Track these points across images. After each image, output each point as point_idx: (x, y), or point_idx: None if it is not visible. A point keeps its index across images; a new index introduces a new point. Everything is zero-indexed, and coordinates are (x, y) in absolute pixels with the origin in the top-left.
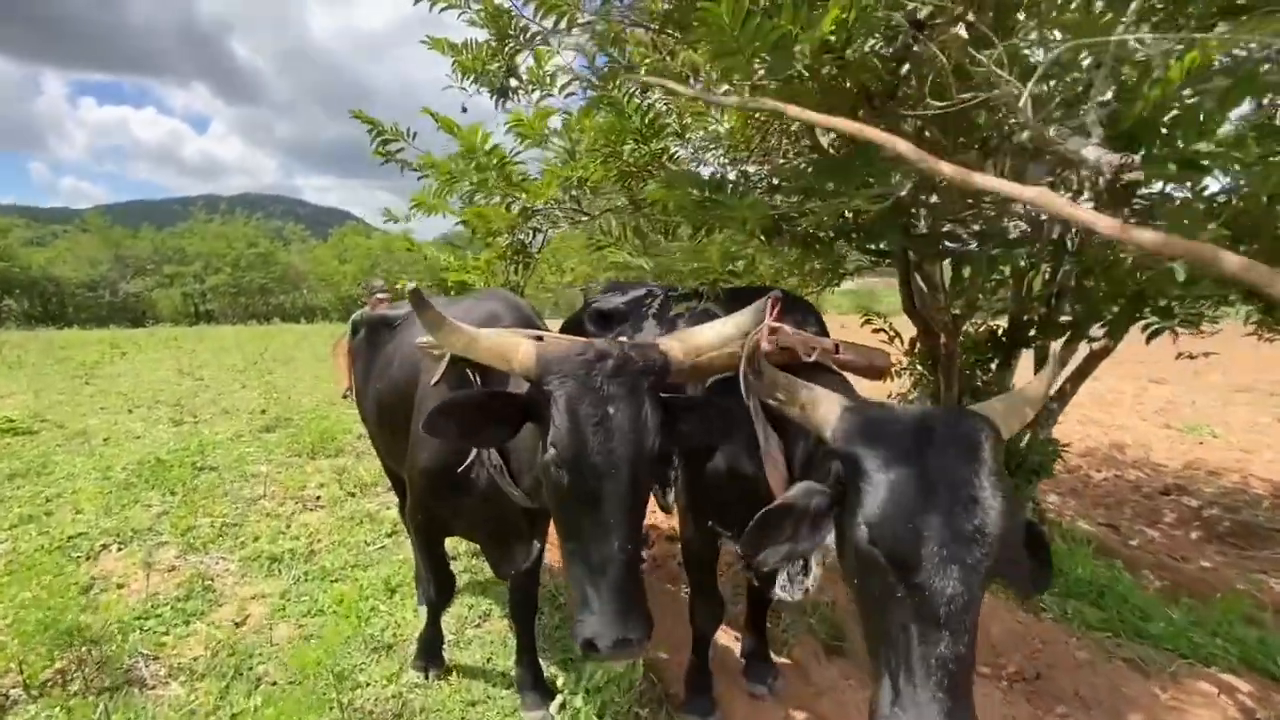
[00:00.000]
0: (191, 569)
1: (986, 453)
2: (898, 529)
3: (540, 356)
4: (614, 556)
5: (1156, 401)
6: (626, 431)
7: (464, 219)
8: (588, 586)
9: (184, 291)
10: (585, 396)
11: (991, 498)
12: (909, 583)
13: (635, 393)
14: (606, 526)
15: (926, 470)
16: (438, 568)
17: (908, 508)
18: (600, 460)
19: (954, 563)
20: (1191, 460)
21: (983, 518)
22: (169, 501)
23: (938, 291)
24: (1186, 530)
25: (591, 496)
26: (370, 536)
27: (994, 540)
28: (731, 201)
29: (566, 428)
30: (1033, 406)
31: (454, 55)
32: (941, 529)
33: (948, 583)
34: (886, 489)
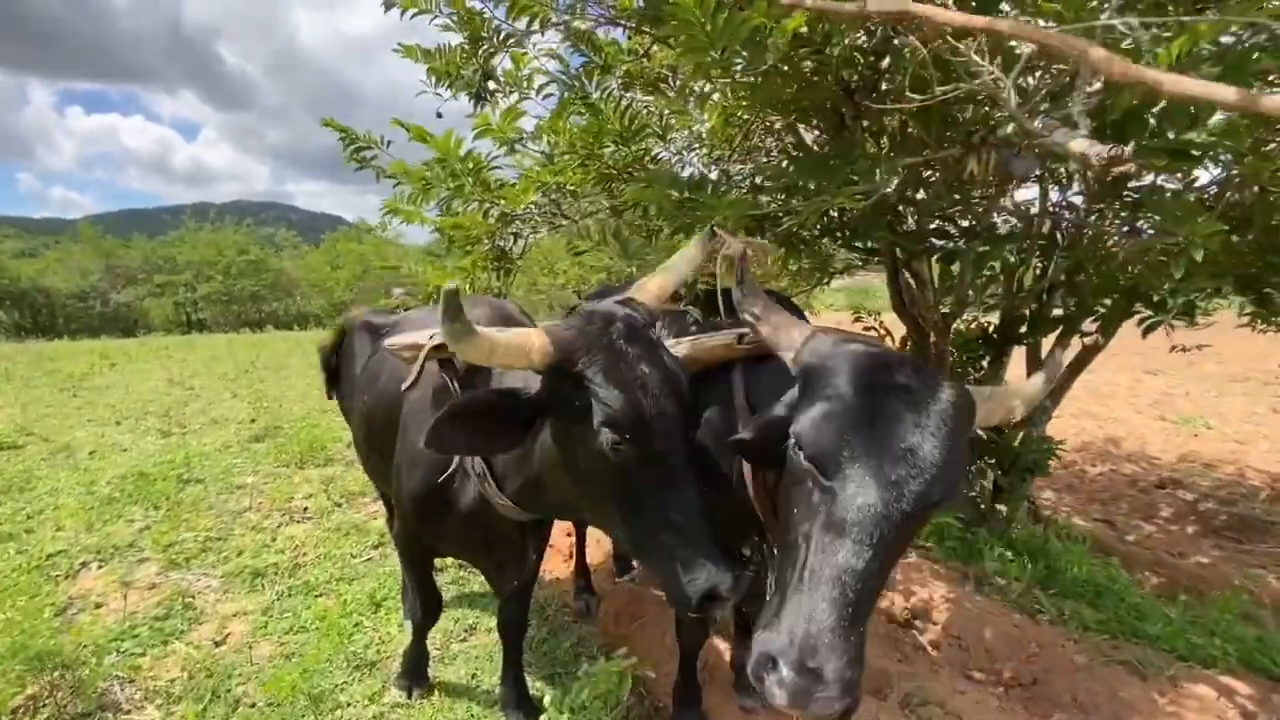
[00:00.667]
0: (172, 586)
1: (946, 400)
2: (825, 434)
3: (557, 340)
4: (697, 506)
5: (1151, 393)
6: (665, 382)
7: (439, 228)
8: (682, 546)
9: (175, 300)
10: (620, 363)
11: (937, 430)
12: (824, 488)
13: (653, 346)
14: (682, 481)
15: (876, 392)
16: (424, 587)
17: (843, 416)
18: (659, 417)
19: (873, 474)
20: (1187, 453)
21: (919, 442)
22: (152, 516)
23: (927, 289)
24: (1183, 524)
25: (661, 458)
26: (357, 548)
27: (927, 466)
28: (710, 201)
29: (620, 399)
30: (1024, 403)
31: (426, 61)
32: (871, 440)
33: (861, 490)
34: (826, 396)
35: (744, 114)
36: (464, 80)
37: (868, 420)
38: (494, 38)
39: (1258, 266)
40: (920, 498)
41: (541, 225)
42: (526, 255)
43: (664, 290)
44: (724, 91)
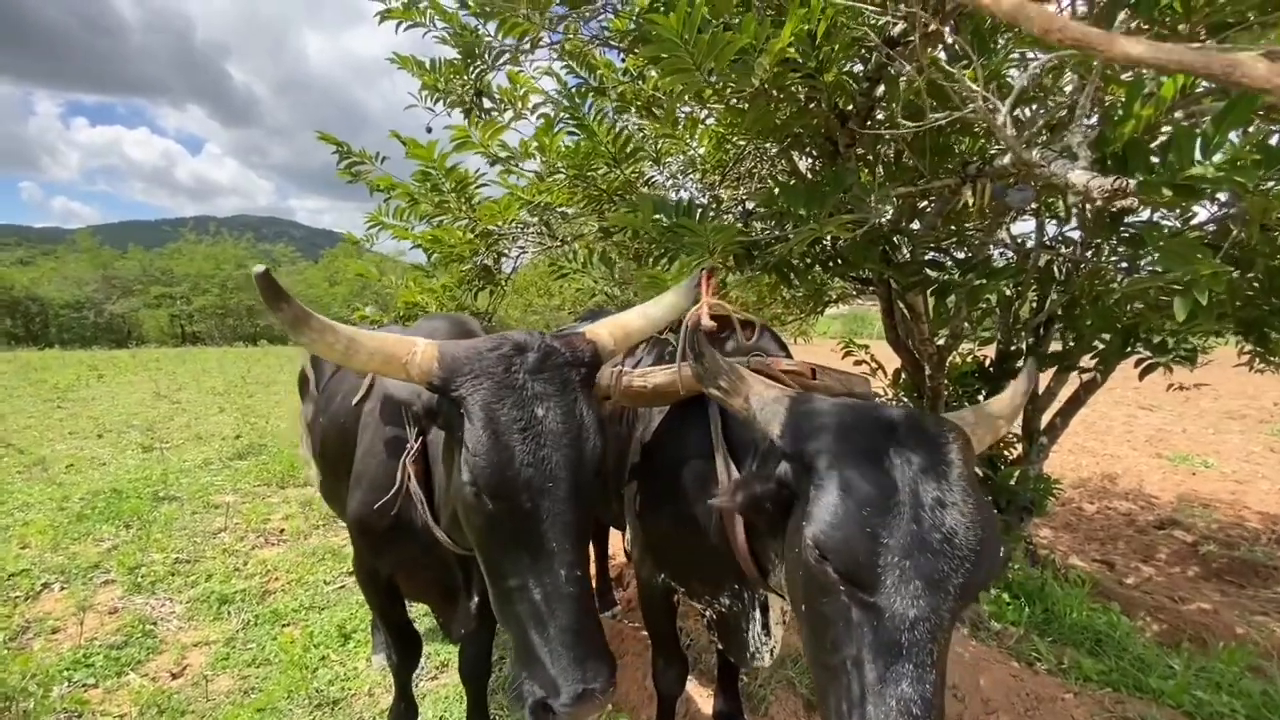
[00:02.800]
0: (134, 612)
1: (955, 454)
2: (852, 537)
3: (444, 355)
4: (562, 591)
5: (1147, 429)
6: (561, 434)
7: (419, 242)
8: (532, 633)
9: (171, 312)
10: (505, 397)
11: (964, 503)
12: (866, 604)
13: (566, 388)
14: (549, 556)
15: (886, 470)
16: (395, 625)
17: (865, 511)
18: (533, 474)
19: (920, 578)
20: (1185, 492)
21: (954, 525)
22: (122, 536)
23: (921, 321)
24: (1183, 567)
25: (527, 521)
26: (330, 574)
27: (967, 553)
28: (697, 227)
29: (486, 439)
30: (1005, 419)
31: (419, 74)
32: (905, 537)
33: (912, 602)
34: (839, 489)
35: (736, 139)
36: (456, 96)
37: (893, 511)
38: (486, 54)
39: (1262, 309)
40: (970, 588)
41: (529, 245)
42: (519, 276)
43: (639, 332)
44: (716, 116)
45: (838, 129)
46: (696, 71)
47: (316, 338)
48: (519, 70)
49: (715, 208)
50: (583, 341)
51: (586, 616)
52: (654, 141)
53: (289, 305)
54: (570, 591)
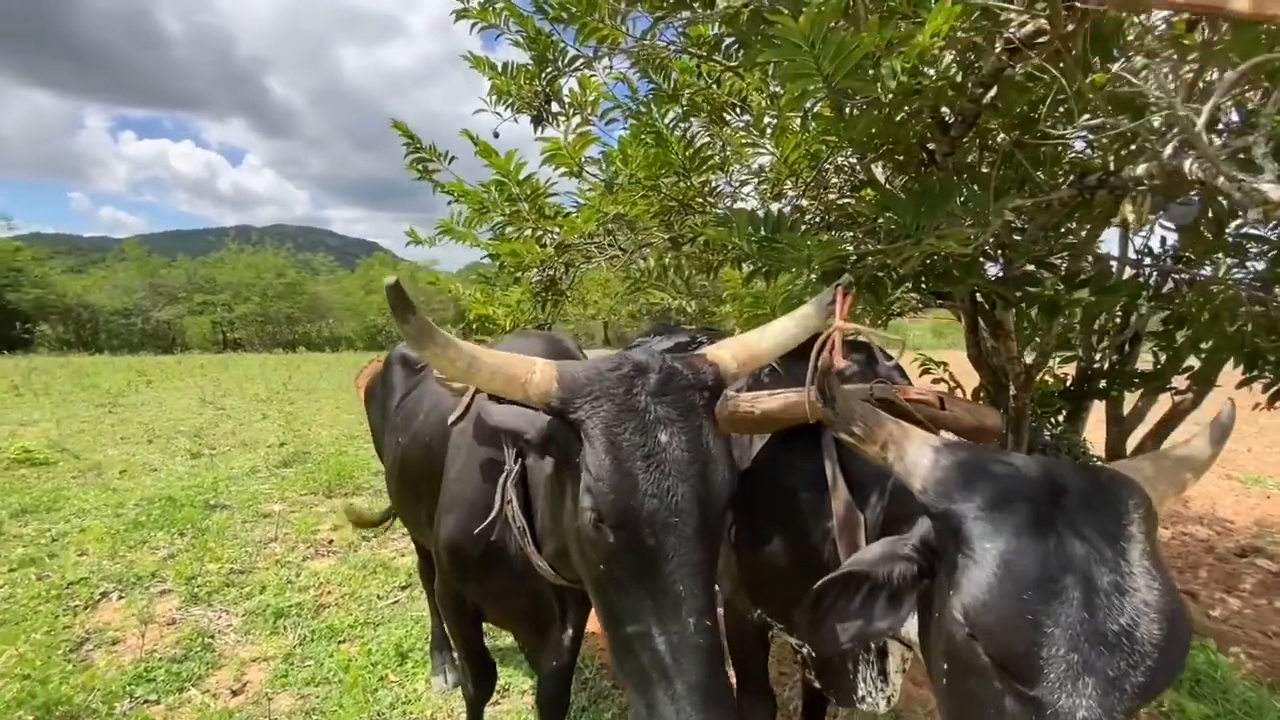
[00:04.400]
0: (192, 623)
1: (1136, 525)
2: (1010, 621)
3: (563, 376)
4: (690, 642)
5: None
6: (686, 464)
7: (492, 252)
8: (657, 689)
9: (213, 319)
10: (628, 421)
11: (1147, 589)
12: (1023, 697)
13: (690, 413)
14: (675, 601)
15: (1053, 543)
16: (474, 653)
17: (1026, 593)
18: (657, 506)
19: (1090, 675)
20: (1261, 516)
21: (1135, 615)
22: (177, 544)
23: (1009, 339)
24: (1270, 598)
25: (651, 558)
26: (383, 589)
27: (1149, 649)
28: (796, 241)
29: (608, 465)
30: (1195, 471)
31: (492, 76)
32: (1075, 627)
33: (1080, 703)
34: (996, 564)
35: (819, 148)
36: (524, 100)
37: (1061, 596)
38: (560, 59)
39: None
40: (1148, 690)
41: (598, 256)
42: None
43: (766, 354)
44: (802, 124)
45: (937, 136)
46: (818, 76)
47: (439, 352)
48: (591, 75)
49: (800, 220)
50: (705, 363)
51: (717, 675)
52: (721, 149)
53: (416, 317)
54: (699, 643)
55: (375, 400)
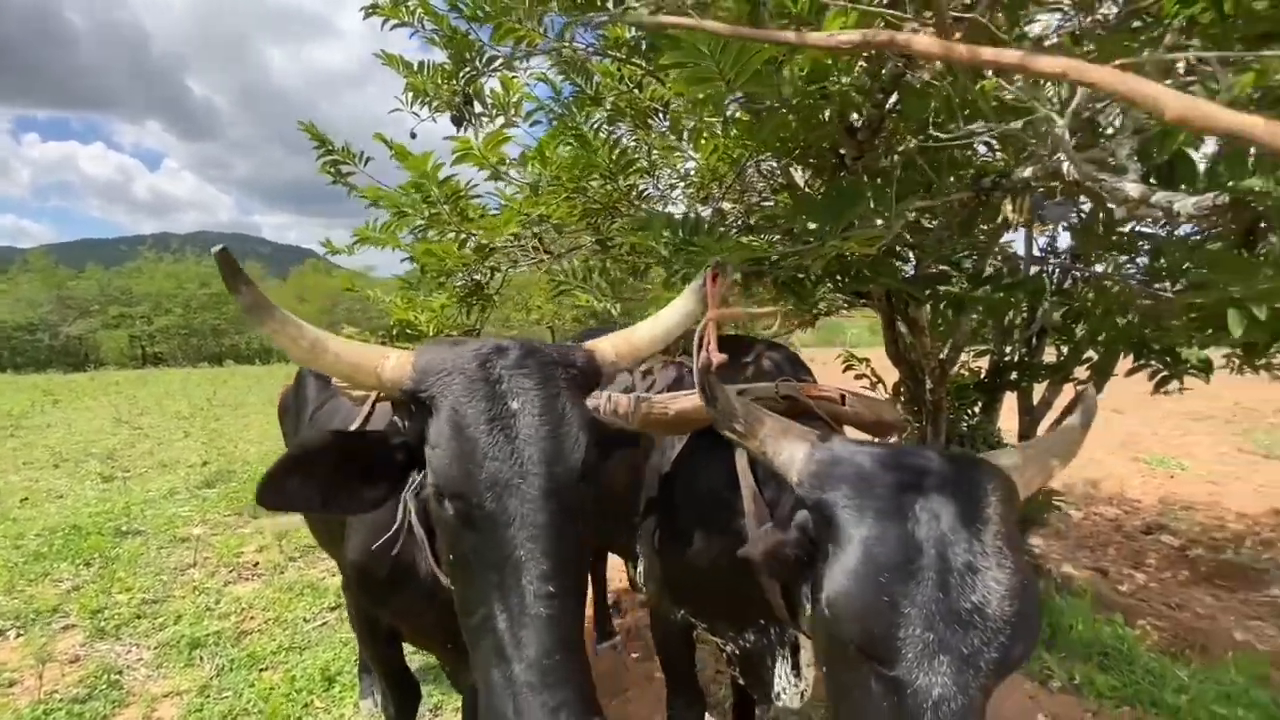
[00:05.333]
0: (97, 660)
1: (993, 508)
2: (869, 604)
3: (420, 359)
4: (530, 612)
5: (1120, 433)
6: (537, 426)
7: (413, 256)
8: (494, 671)
9: (131, 333)
10: (477, 391)
11: (999, 568)
12: (884, 678)
13: (548, 383)
14: (516, 567)
15: (911, 527)
16: (392, 672)
17: (883, 576)
18: (498, 467)
19: (945, 653)
20: (1165, 495)
21: (987, 593)
22: (83, 575)
23: (924, 335)
24: (1174, 572)
25: (492, 525)
26: (310, 611)
27: (1001, 624)
28: (710, 244)
29: (448, 430)
30: (1061, 457)
31: (406, 75)
32: (927, 607)
33: (936, 680)
34: (857, 549)
35: (740, 152)
36: (444, 100)
37: (917, 577)
38: (478, 59)
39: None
40: (1002, 665)
41: (523, 260)
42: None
43: (648, 343)
44: (722, 129)
45: (846, 141)
46: (720, 81)
47: (279, 329)
48: (513, 76)
49: (721, 222)
50: (578, 349)
51: (564, 649)
52: (648, 153)
53: (250, 288)
54: (542, 614)
55: (289, 415)
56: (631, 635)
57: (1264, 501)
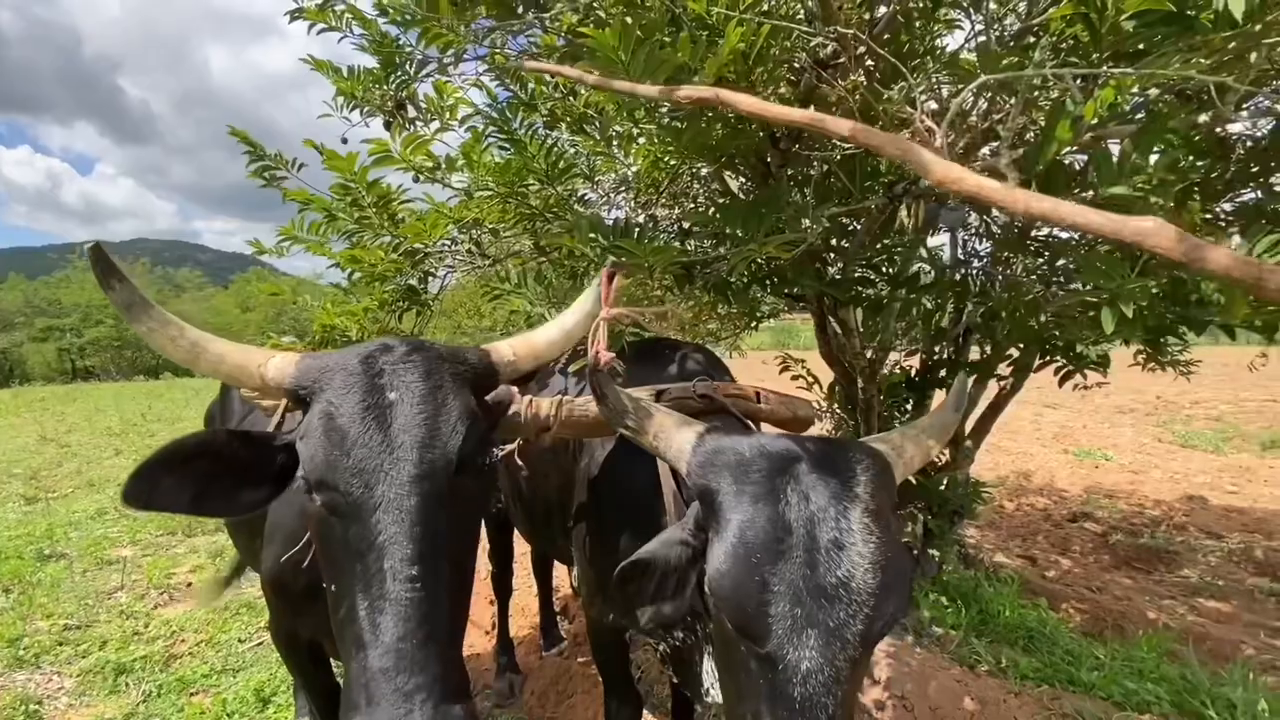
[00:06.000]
0: (15, 690)
1: (862, 487)
2: (741, 583)
3: (305, 360)
4: (390, 595)
5: (1052, 426)
6: (413, 415)
7: (338, 261)
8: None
9: (59, 346)
10: (354, 384)
11: (863, 544)
12: (759, 656)
13: (431, 375)
14: (378, 552)
15: (782, 510)
16: (322, 693)
17: (754, 556)
18: (366, 454)
19: (812, 627)
20: (1091, 485)
21: (850, 568)
22: (0, 603)
23: (853, 335)
24: (1097, 556)
25: (358, 516)
26: (245, 631)
27: (865, 596)
28: (637, 247)
29: (319, 422)
30: (936, 437)
31: (335, 80)
32: (795, 584)
33: (804, 653)
34: (733, 533)
35: (670, 159)
36: (375, 105)
37: (785, 556)
38: (409, 64)
39: (1164, 318)
40: (868, 635)
41: (458, 265)
42: (447, 297)
43: (550, 345)
44: (649, 135)
45: (769, 149)
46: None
47: (156, 329)
48: (446, 81)
49: (652, 227)
50: (471, 349)
51: (425, 634)
52: (587, 158)
53: (123, 285)
54: (403, 597)
55: (214, 427)
56: (578, 641)
57: (1178, 488)
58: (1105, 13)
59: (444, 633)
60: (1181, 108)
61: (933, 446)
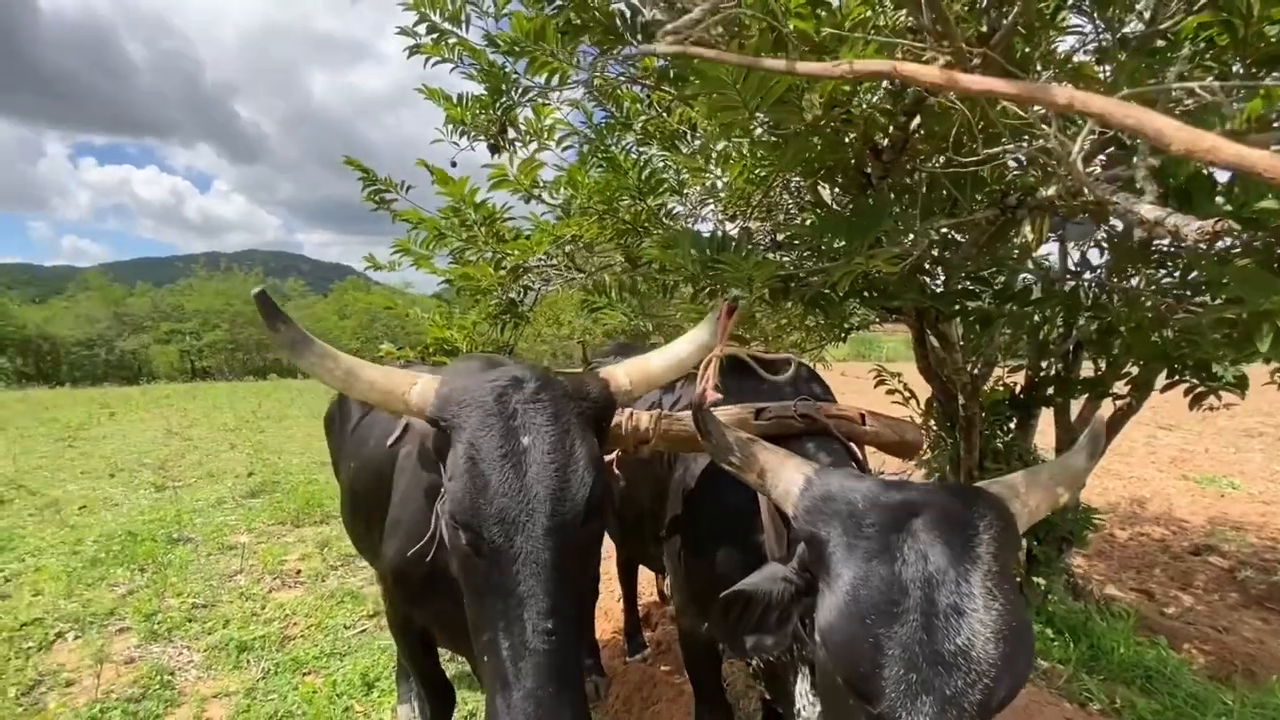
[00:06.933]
0: (151, 661)
1: (984, 546)
2: (856, 644)
3: (443, 387)
4: (530, 645)
5: (1169, 450)
6: (546, 465)
7: (448, 277)
8: (496, 699)
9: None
10: (492, 425)
11: (985, 610)
12: (870, 715)
13: (560, 418)
14: (519, 602)
15: (898, 568)
16: (428, 676)
17: (869, 616)
18: (507, 504)
19: (927, 693)
20: (1215, 515)
21: (971, 636)
22: (137, 580)
23: (954, 350)
24: (1223, 594)
25: (498, 559)
26: (350, 619)
27: (986, 666)
28: (737, 261)
29: (463, 463)
30: (1067, 485)
31: (446, 107)
32: (911, 648)
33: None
34: (846, 589)
35: (765, 172)
36: (481, 129)
37: (901, 619)
38: (513, 90)
39: None
40: (987, 705)
41: (555, 278)
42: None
43: (661, 373)
44: (748, 151)
45: (871, 160)
46: (744, 109)
47: (316, 362)
48: (545, 104)
49: (748, 240)
50: (593, 379)
51: (558, 682)
52: (676, 172)
53: (287, 326)
54: (540, 648)
55: (333, 428)
56: (662, 648)
57: None
58: (1250, 18)
59: (575, 676)
60: None
61: (1061, 494)
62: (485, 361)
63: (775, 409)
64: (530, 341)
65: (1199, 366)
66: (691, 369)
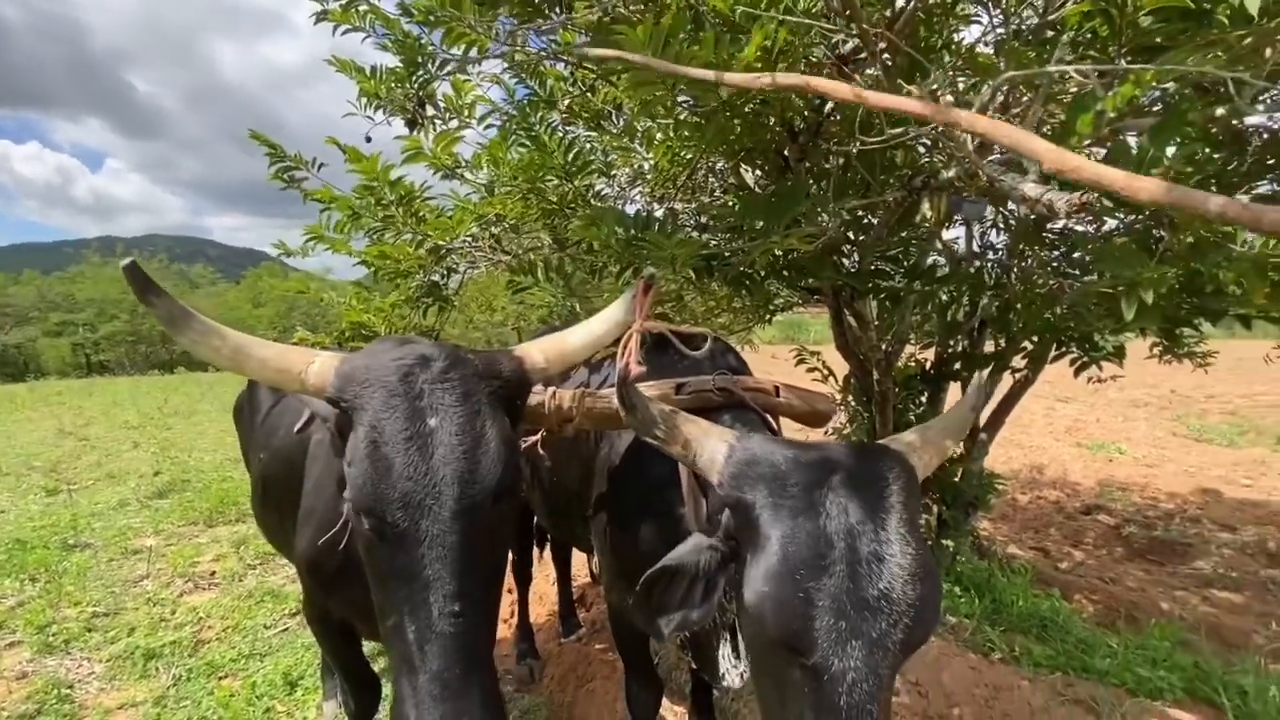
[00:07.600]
0: (46, 675)
1: (895, 496)
2: (787, 599)
3: (343, 366)
4: (435, 628)
5: (1064, 420)
6: (454, 446)
7: (364, 259)
8: (402, 683)
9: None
10: (396, 407)
11: (902, 555)
12: (803, 667)
13: (468, 399)
14: (424, 587)
15: (822, 522)
16: (353, 672)
17: (799, 572)
18: (411, 487)
19: (855, 638)
20: (1104, 478)
21: (891, 580)
22: (28, 591)
23: (869, 328)
24: (1110, 549)
25: (403, 545)
26: (271, 618)
27: (905, 607)
28: (660, 240)
29: (364, 447)
30: (953, 437)
31: (359, 79)
32: (838, 596)
33: (849, 664)
34: (775, 548)
35: (689, 153)
36: (397, 104)
37: (828, 571)
38: (430, 63)
39: (1180, 308)
40: (909, 643)
41: (479, 260)
42: (463, 291)
43: (578, 350)
44: (669, 131)
45: (788, 144)
46: (661, 85)
47: (198, 339)
48: (465, 79)
49: (672, 220)
50: (506, 357)
51: (467, 662)
52: (603, 154)
53: (161, 299)
54: (446, 630)
55: (242, 418)
56: (596, 627)
57: (1192, 482)
58: (1125, 9)
59: (485, 658)
60: (1199, 102)
61: (949, 446)
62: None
63: (694, 383)
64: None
65: (1083, 339)
66: (610, 346)
